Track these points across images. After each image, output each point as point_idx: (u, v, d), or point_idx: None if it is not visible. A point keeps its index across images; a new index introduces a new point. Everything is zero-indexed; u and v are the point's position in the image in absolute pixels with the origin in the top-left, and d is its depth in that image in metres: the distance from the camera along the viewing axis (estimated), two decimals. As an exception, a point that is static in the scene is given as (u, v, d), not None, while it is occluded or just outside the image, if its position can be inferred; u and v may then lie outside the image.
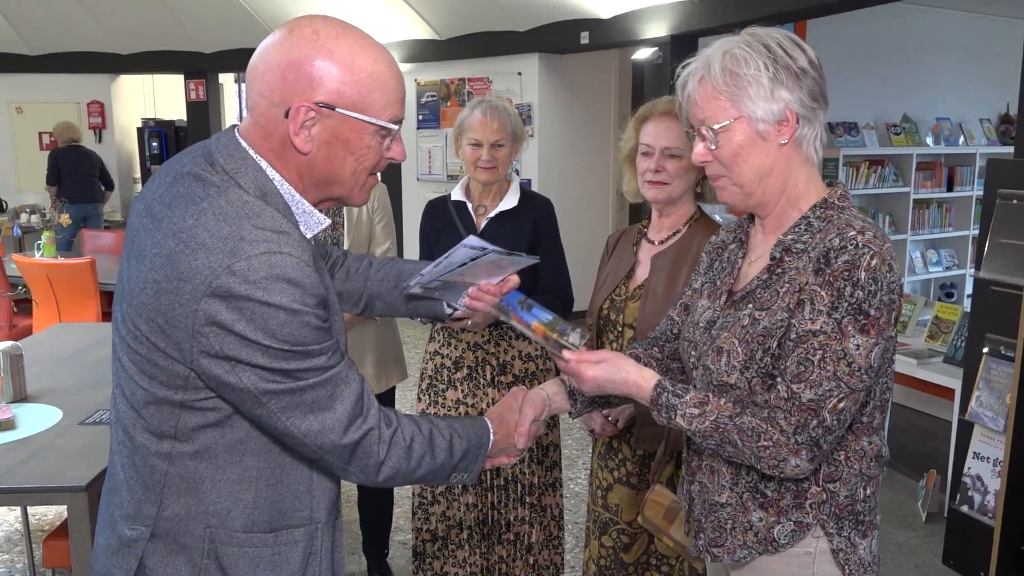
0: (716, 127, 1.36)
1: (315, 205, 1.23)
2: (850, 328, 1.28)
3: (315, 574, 1.26)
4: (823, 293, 1.29)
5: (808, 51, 1.36)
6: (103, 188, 7.96)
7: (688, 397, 1.37)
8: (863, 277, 1.27)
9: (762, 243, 1.47)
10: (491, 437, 1.40)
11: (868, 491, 1.41)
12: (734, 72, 1.34)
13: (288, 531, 1.23)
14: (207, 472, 1.18)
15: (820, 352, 1.29)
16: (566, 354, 1.48)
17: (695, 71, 1.39)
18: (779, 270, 1.38)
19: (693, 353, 1.51)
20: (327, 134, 1.16)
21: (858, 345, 1.28)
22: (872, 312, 1.28)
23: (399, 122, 1.21)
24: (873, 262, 1.28)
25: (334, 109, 1.15)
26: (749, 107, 1.34)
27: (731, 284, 1.50)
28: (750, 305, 1.40)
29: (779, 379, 1.32)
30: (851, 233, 1.31)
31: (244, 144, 1.19)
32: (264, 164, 1.18)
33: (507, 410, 1.48)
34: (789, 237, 1.39)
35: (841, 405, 1.30)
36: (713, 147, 1.38)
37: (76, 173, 7.57)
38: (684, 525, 1.59)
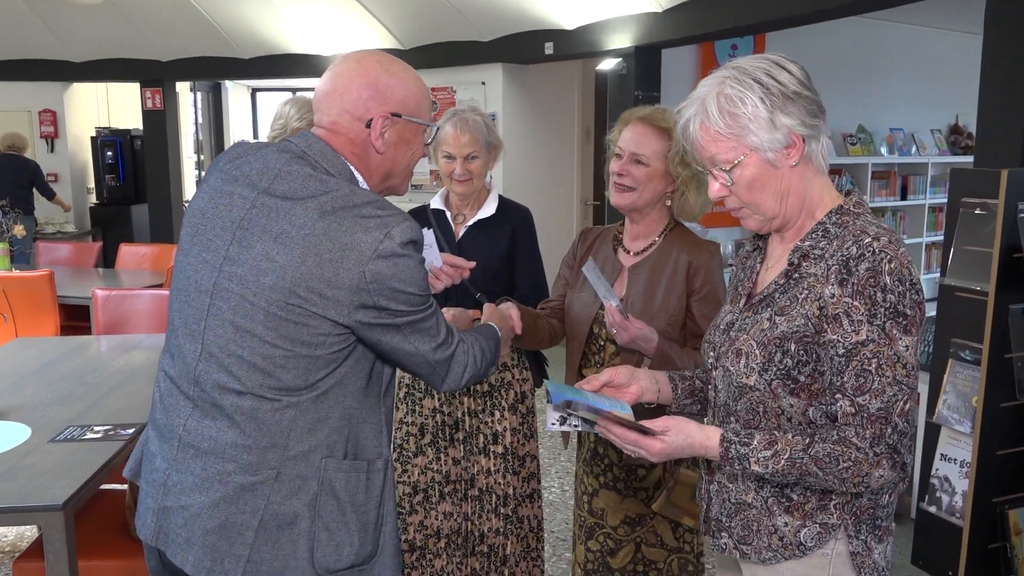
0: (728, 167, 1.40)
1: None
2: (895, 331, 1.31)
3: (388, 497, 1.53)
4: (856, 303, 1.32)
5: (794, 70, 1.40)
6: (44, 198, 7.80)
7: (756, 442, 1.38)
8: (888, 281, 1.31)
9: (779, 248, 1.50)
10: (499, 334, 1.77)
11: (889, 498, 1.44)
12: (732, 113, 1.37)
13: (372, 461, 1.49)
14: (322, 412, 1.43)
15: (875, 360, 1.31)
16: (626, 432, 1.45)
17: (693, 116, 1.41)
18: (796, 275, 1.42)
19: (712, 354, 1.54)
20: (395, 137, 1.52)
21: (907, 346, 1.32)
22: (908, 312, 1.32)
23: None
24: (892, 265, 1.32)
25: (400, 117, 1.51)
26: (755, 141, 1.38)
27: (750, 288, 1.53)
28: (768, 309, 1.43)
29: (839, 396, 1.34)
30: (867, 240, 1.34)
31: (333, 149, 1.50)
32: (351, 167, 1.50)
33: (500, 315, 1.96)
34: (807, 243, 1.42)
35: (907, 407, 1.33)
36: (729, 184, 1.42)
37: (6, 182, 7.42)
38: (701, 524, 1.60)
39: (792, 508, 1.42)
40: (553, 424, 1.53)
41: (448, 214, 2.61)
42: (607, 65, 5.85)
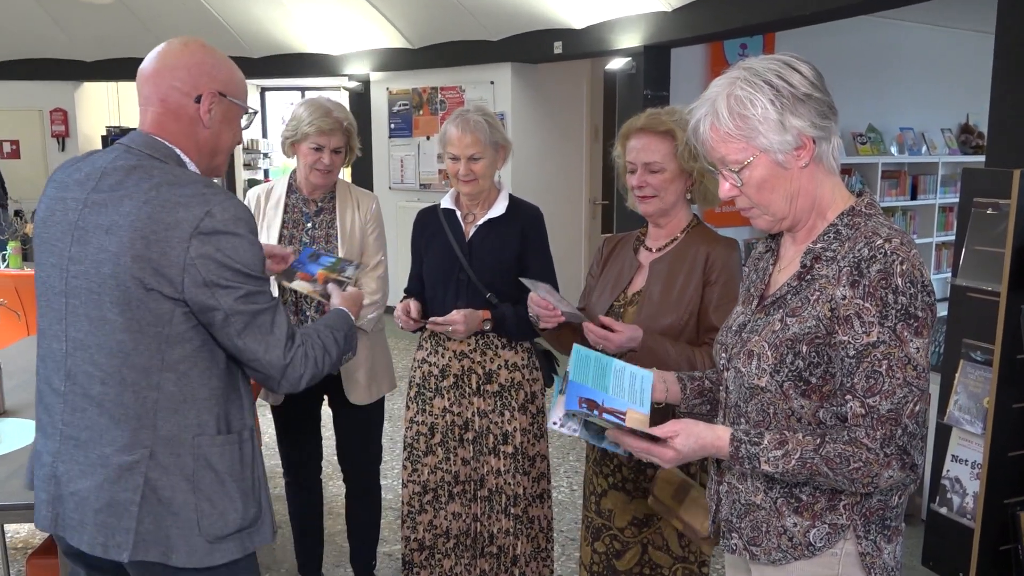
0: (737, 168, 1.40)
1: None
2: (906, 333, 1.31)
3: (259, 463, 1.65)
4: (868, 305, 1.32)
5: (806, 71, 1.39)
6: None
7: (766, 441, 1.38)
8: (900, 283, 1.31)
9: (792, 250, 1.50)
10: (351, 316, 1.83)
11: (899, 499, 1.44)
12: (742, 115, 1.37)
13: (239, 432, 1.60)
14: (187, 393, 1.53)
15: (885, 362, 1.31)
16: (637, 441, 1.44)
17: (704, 117, 1.41)
18: (809, 277, 1.42)
19: (724, 355, 1.54)
20: (220, 115, 1.62)
21: (917, 348, 1.32)
22: (919, 314, 1.32)
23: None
24: (904, 267, 1.32)
25: (226, 97, 1.62)
26: (764, 143, 1.38)
27: (762, 290, 1.53)
28: (780, 310, 1.43)
29: (849, 397, 1.34)
30: (878, 242, 1.34)
31: (157, 137, 1.58)
32: (177, 150, 1.59)
33: (351, 298, 1.94)
34: (819, 245, 1.42)
35: (917, 408, 1.33)
36: (739, 184, 1.42)
37: None
38: (710, 525, 1.60)
39: (801, 508, 1.42)
40: (555, 424, 1.53)
41: (458, 214, 2.61)
42: (616, 64, 5.84)
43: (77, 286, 1.52)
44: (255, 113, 1.73)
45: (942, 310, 3.41)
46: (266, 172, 10.62)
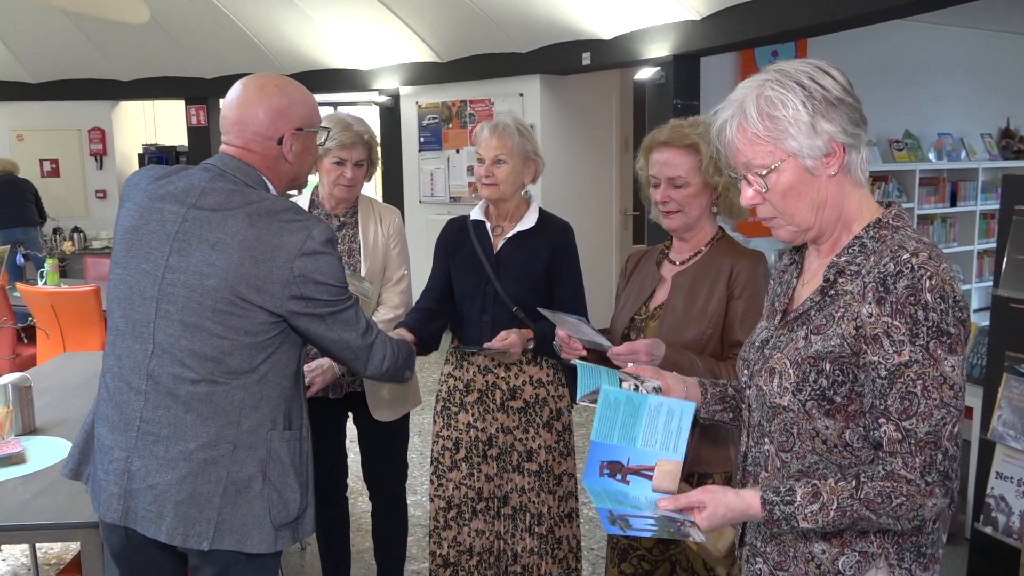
0: (763, 172, 1.34)
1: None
2: (939, 351, 1.25)
3: (310, 459, 1.79)
4: (897, 323, 1.25)
5: (838, 76, 1.34)
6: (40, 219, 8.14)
7: (799, 497, 1.30)
8: (930, 299, 1.24)
9: (816, 263, 1.44)
10: (411, 345, 2.04)
11: (934, 524, 1.37)
12: (772, 115, 1.31)
13: (299, 430, 1.75)
14: (264, 392, 1.68)
15: (920, 382, 1.25)
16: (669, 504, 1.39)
17: (730, 119, 1.35)
18: (832, 292, 1.36)
19: (746, 372, 1.49)
20: (300, 147, 1.78)
21: (952, 366, 1.25)
22: (952, 330, 1.25)
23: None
24: (933, 282, 1.25)
25: (303, 130, 1.77)
26: (793, 147, 1.32)
27: (786, 304, 1.47)
28: (804, 327, 1.38)
29: (883, 421, 1.28)
30: (905, 256, 1.28)
31: (245, 164, 1.73)
32: (263, 178, 1.75)
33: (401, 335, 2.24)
34: (843, 259, 1.36)
35: (956, 430, 1.26)
36: (764, 190, 1.36)
37: (7, 199, 7.80)
38: (736, 550, 1.55)
39: (829, 535, 1.36)
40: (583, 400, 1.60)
41: (487, 225, 2.59)
42: (645, 74, 5.81)
43: (173, 293, 1.63)
44: (329, 129, 1.86)
45: (983, 320, 3.30)
46: (298, 187, 10.74)
